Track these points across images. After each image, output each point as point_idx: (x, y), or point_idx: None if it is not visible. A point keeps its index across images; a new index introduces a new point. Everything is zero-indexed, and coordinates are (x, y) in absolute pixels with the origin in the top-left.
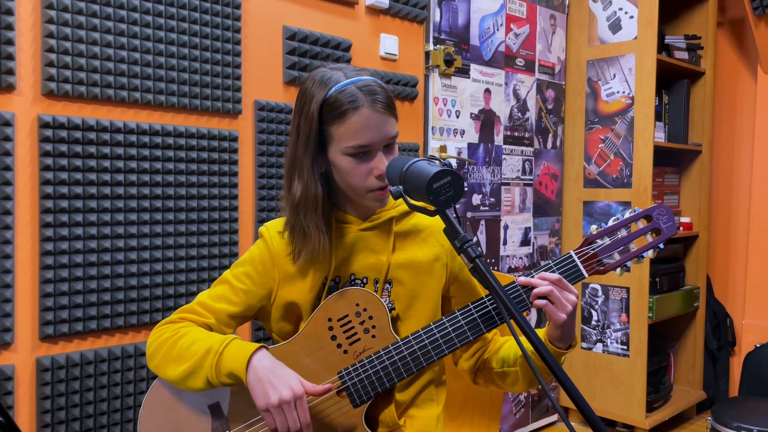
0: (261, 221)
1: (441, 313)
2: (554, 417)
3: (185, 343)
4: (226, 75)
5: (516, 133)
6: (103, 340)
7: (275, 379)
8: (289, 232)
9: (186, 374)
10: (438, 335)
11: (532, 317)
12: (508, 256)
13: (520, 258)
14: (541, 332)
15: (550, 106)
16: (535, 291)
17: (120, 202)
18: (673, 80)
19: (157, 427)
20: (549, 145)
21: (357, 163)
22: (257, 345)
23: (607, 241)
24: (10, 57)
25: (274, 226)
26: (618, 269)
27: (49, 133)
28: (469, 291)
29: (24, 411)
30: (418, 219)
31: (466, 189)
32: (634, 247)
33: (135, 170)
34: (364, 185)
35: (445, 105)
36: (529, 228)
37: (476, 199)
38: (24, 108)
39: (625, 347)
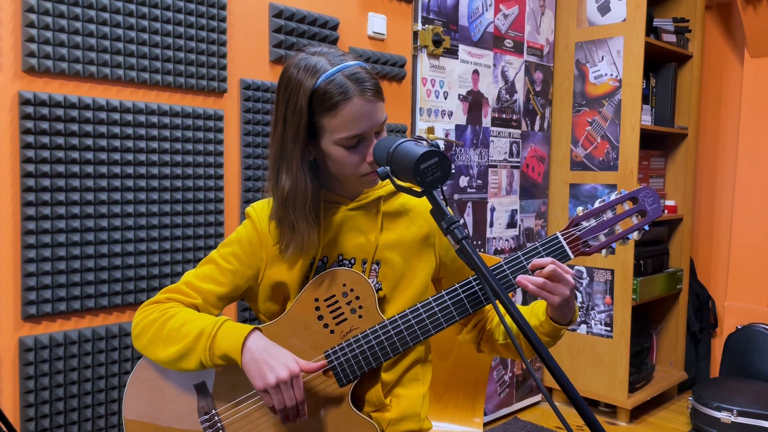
0: (247, 201)
1: (433, 293)
2: (538, 397)
3: (175, 324)
4: (211, 53)
5: (504, 115)
6: (87, 320)
7: (271, 359)
8: (277, 224)
9: (177, 356)
10: (424, 315)
11: (518, 297)
12: (494, 238)
13: (507, 240)
14: (541, 306)
15: (538, 88)
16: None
17: (103, 181)
18: (661, 63)
19: (142, 407)
20: (536, 127)
21: (350, 152)
22: (250, 327)
23: (592, 222)
24: None
25: (261, 207)
26: (603, 251)
27: (29, 110)
28: (457, 271)
29: (7, 391)
30: (405, 198)
31: (453, 170)
32: (619, 228)
33: (118, 149)
34: (358, 171)
35: (433, 86)
36: (516, 210)
37: (463, 181)
38: (4, 84)
39: (609, 328)
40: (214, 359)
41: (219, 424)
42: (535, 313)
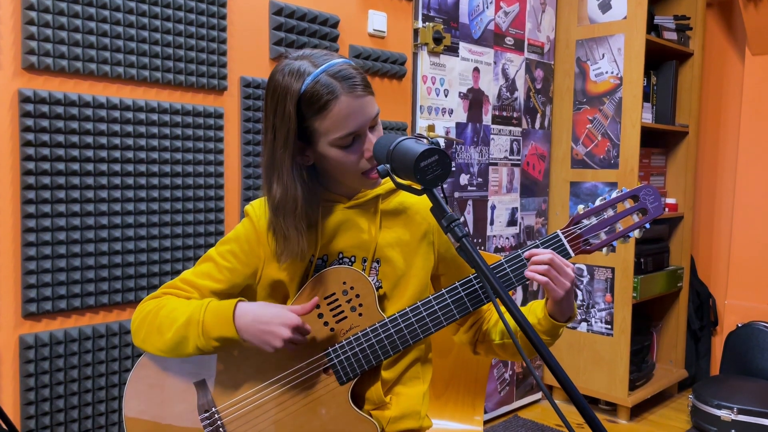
0: (247, 199)
1: (432, 291)
2: (538, 395)
3: (165, 311)
4: (211, 50)
5: (504, 113)
6: (87, 318)
7: (267, 327)
8: (272, 233)
9: (174, 343)
10: (425, 314)
11: (518, 296)
12: (494, 236)
13: (507, 238)
14: (540, 304)
15: (538, 86)
16: (533, 267)
17: (103, 178)
18: (662, 61)
19: (143, 405)
20: (537, 125)
21: (347, 151)
22: (233, 303)
23: (593, 220)
24: None
25: (260, 205)
26: (604, 249)
27: (30, 107)
28: (456, 268)
29: (7, 388)
30: (404, 197)
31: (453, 168)
32: (620, 226)
33: (118, 147)
34: (357, 169)
35: (433, 83)
36: (516, 208)
37: (464, 179)
38: (4, 82)
39: (609, 326)
40: (211, 343)
41: (219, 422)
42: (533, 311)
